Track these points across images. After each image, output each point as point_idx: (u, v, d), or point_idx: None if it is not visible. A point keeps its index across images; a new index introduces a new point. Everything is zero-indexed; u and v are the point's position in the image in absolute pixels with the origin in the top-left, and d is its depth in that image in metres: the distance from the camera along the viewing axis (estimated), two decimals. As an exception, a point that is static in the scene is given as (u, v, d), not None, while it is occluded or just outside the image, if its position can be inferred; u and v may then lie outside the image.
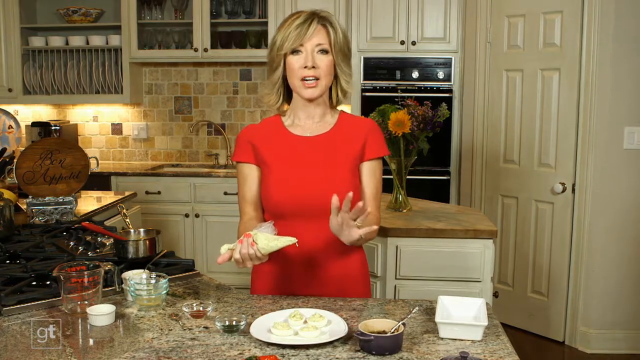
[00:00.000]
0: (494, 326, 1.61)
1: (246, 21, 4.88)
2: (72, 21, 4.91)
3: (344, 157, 1.87)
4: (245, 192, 1.94)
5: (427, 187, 4.42)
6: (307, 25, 1.78)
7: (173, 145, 5.24)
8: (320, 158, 1.87)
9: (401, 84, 4.48)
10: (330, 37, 1.81)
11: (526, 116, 4.04)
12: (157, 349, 1.46)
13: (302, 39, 1.78)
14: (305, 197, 1.83)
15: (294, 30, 1.78)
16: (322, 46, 1.80)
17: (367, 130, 1.91)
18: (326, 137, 1.89)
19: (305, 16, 1.80)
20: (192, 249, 4.65)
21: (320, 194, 1.80)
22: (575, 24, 3.71)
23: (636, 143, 3.64)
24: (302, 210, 1.84)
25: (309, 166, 1.86)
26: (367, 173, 1.91)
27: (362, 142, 1.89)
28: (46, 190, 2.85)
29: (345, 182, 1.84)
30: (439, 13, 4.44)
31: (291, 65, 1.80)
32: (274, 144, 1.90)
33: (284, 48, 1.79)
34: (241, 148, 1.94)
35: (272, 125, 1.94)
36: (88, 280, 1.68)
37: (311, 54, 1.79)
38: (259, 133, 1.93)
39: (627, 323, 3.75)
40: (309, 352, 1.44)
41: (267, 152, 1.89)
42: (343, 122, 1.92)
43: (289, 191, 1.84)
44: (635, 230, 3.70)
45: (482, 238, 2.74)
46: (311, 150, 1.88)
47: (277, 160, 1.88)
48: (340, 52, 1.82)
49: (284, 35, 1.79)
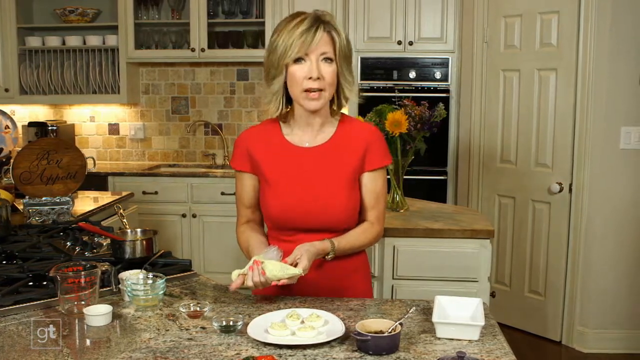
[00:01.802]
0: (491, 326, 1.61)
1: (243, 21, 4.88)
2: (69, 21, 4.90)
3: (343, 168, 1.83)
4: (242, 197, 1.94)
5: (425, 187, 4.42)
6: (313, 33, 1.68)
7: (170, 146, 5.24)
8: (318, 170, 1.83)
9: (398, 84, 4.49)
10: (335, 44, 1.72)
11: (523, 116, 4.04)
12: (154, 349, 1.46)
13: (308, 47, 1.68)
14: (302, 212, 1.82)
15: (298, 38, 1.68)
16: (327, 55, 1.71)
17: (368, 139, 1.85)
18: (325, 148, 1.84)
19: (310, 22, 1.70)
20: (189, 249, 4.65)
21: (318, 208, 1.81)
22: (572, 24, 3.72)
23: (633, 143, 3.65)
24: (299, 223, 1.83)
25: (306, 179, 1.82)
26: (367, 185, 1.87)
27: (362, 152, 1.83)
28: (43, 191, 2.84)
29: (342, 196, 1.82)
30: (436, 13, 4.45)
31: (293, 75, 1.72)
32: (271, 154, 1.86)
33: (286, 57, 1.70)
34: (238, 155, 1.91)
35: (270, 133, 1.88)
36: (85, 281, 1.67)
37: (316, 64, 1.70)
38: (257, 140, 1.88)
39: (624, 323, 3.76)
40: (306, 352, 1.44)
41: (264, 162, 1.86)
42: (343, 130, 1.86)
43: (286, 205, 1.82)
44: (632, 230, 3.71)
45: (479, 238, 2.74)
46: (309, 161, 1.83)
47: (274, 171, 1.85)
48: (344, 59, 1.75)
49: (287, 42, 1.69)
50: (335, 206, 1.81)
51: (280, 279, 1.65)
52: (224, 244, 4.60)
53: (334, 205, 1.81)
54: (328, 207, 1.81)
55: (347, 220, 1.85)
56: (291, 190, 1.83)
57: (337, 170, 1.83)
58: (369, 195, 1.88)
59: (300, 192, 1.82)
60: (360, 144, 1.84)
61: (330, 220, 1.82)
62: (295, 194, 1.82)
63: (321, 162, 1.83)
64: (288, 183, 1.83)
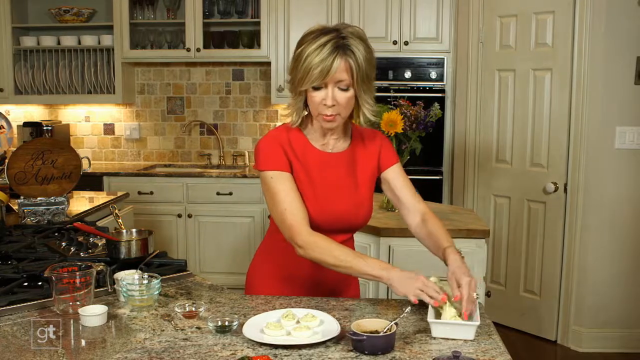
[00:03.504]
0: (487, 325, 1.62)
1: (239, 21, 4.88)
2: (64, 21, 4.89)
3: (365, 171, 1.92)
4: (294, 198, 1.80)
5: (420, 187, 4.35)
6: (330, 63, 1.68)
7: (165, 146, 5.23)
8: (344, 175, 1.89)
9: (394, 84, 4.49)
10: (352, 71, 1.72)
11: (518, 116, 4.05)
12: (150, 349, 1.46)
13: (325, 78, 1.70)
14: (331, 216, 1.85)
15: (316, 67, 1.68)
16: (343, 83, 1.73)
17: (380, 143, 1.96)
18: (347, 154, 1.91)
19: (330, 49, 1.69)
20: (184, 250, 4.64)
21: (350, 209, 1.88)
22: (567, 24, 3.73)
23: (628, 143, 3.66)
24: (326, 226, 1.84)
25: (334, 183, 1.86)
26: (396, 178, 1.96)
27: (377, 155, 1.95)
28: (38, 191, 2.84)
29: (368, 197, 1.92)
30: (432, 13, 4.45)
31: (312, 98, 1.75)
32: (300, 157, 1.85)
33: (305, 84, 1.72)
34: (276, 155, 1.82)
35: (295, 136, 1.87)
36: (80, 281, 1.67)
37: (332, 92, 1.72)
38: (286, 142, 1.85)
39: (619, 322, 3.77)
40: (302, 352, 1.44)
41: (296, 164, 1.84)
42: (358, 136, 1.95)
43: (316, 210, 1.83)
44: (626, 230, 3.72)
45: (475, 238, 2.75)
46: (335, 165, 1.88)
47: (306, 173, 1.84)
48: (362, 83, 1.76)
49: (307, 68, 1.69)
50: (361, 211, 1.91)
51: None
52: (219, 244, 4.60)
53: (360, 210, 1.90)
54: (355, 212, 1.89)
55: (367, 222, 1.96)
56: (322, 194, 1.85)
57: (360, 174, 1.92)
58: (404, 187, 1.97)
59: (330, 196, 1.85)
60: (375, 148, 1.95)
61: (355, 224, 1.92)
62: (326, 198, 1.85)
63: (347, 166, 1.90)
64: (318, 187, 1.85)
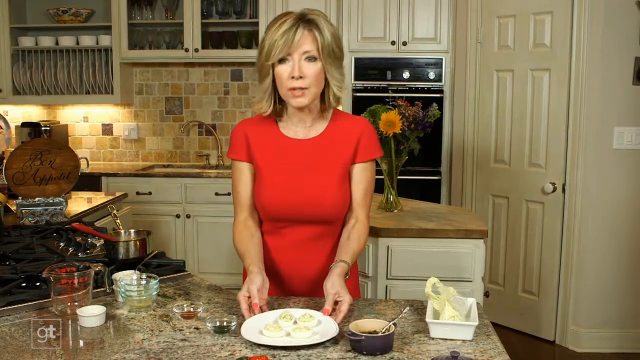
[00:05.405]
0: (485, 326, 1.62)
1: (237, 21, 4.88)
2: (62, 21, 4.89)
3: (334, 161, 1.85)
4: (241, 189, 1.90)
5: (418, 187, 4.43)
6: (293, 33, 1.68)
7: (164, 146, 5.23)
8: (310, 162, 1.84)
9: (392, 84, 4.49)
10: (317, 42, 1.71)
11: (517, 116, 4.05)
12: (148, 350, 1.46)
13: (289, 48, 1.69)
14: (295, 203, 1.82)
15: (280, 38, 1.69)
16: (309, 53, 1.72)
17: (360, 132, 1.87)
18: (317, 141, 1.86)
19: (291, 22, 1.70)
20: (183, 250, 4.64)
21: (310, 200, 1.82)
22: (565, 25, 3.73)
23: (626, 143, 3.66)
24: (292, 215, 1.84)
25: (299, 170, 1.84)
26: (357, 176, 1.88)
27: (354, 144, 1.85)
28: (36, 191, 2.84)
29: (333, 188, 1.83)
30: (430, 13, 4.45)
31: (279, 75, 1.73)
32: (266, 144, 1.88)
33: (270, 58, 1.71)
34: (237, 144, 1.90)
35: (266, 124, 1.90)
36: (78, 282, 1.67)
37: (298, 63, 1.71)
38: (254, 130, 1.90)
39: (618, 322, 3.77)
40: (300, 353, 1.44)
41: (259, 152, 1.87)
42: (336, 124, 1.88)
43: (278, 197, 1.83)
44: (625, 230, 3.73)
45: (473, 238, 2.74)
46: (302, 153, 1.85)
47: (267, 162, 1.86)
48: (329, 57, 1.74)
49: (270, 43, 1.70)
50: (327, 198, 1.83)
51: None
52: (217, 245, 4.59)
53: (325, 197, 1.83)
54: (320, 198, 1.83)
55: (338, 212, 1.87)
56: (284, 181, 1.83)
57: (330, 162, 1.85)
58: (358, 188, 1.88)
59: (293, 183, 1.83)
60: (353, 137, 1.86)
61: (321, 212, 1.84)
62: (288, 185, 1.83)
63: (314, 155, 1.85)
64: (281, 174, 1.84)
